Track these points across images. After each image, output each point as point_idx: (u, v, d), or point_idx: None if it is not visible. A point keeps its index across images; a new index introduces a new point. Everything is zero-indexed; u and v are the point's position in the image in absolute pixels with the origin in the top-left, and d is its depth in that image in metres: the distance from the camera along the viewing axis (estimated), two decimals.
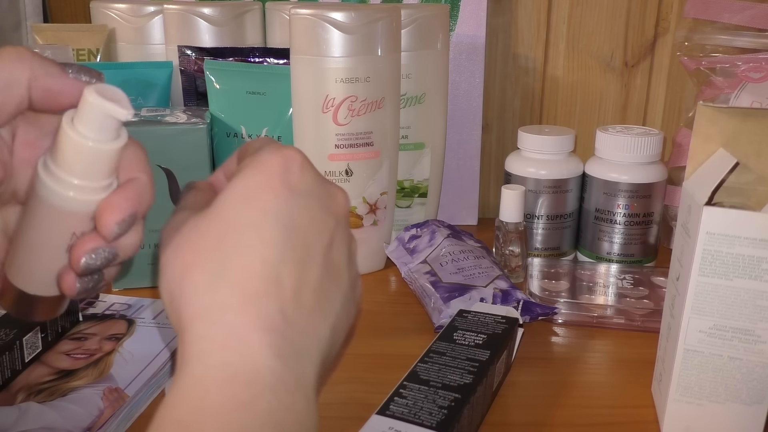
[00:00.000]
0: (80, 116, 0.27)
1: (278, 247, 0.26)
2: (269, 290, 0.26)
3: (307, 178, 0.28)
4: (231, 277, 0.26)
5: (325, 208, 0.29)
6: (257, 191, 0.27)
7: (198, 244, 0.27)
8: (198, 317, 0.25)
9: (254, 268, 0.26)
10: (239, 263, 0.26)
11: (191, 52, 0.69)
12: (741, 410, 0.41)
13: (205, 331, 0.25)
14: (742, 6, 0.68)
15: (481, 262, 0.60)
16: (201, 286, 0.26)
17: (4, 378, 0.46)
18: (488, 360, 0.43)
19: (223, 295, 0.25)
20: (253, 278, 0.26)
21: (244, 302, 0.25)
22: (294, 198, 0.27)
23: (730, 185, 0.39)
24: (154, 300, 0.58)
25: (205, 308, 0.25)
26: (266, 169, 0.28)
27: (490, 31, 0.78)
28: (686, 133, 0.71)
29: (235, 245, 0.26)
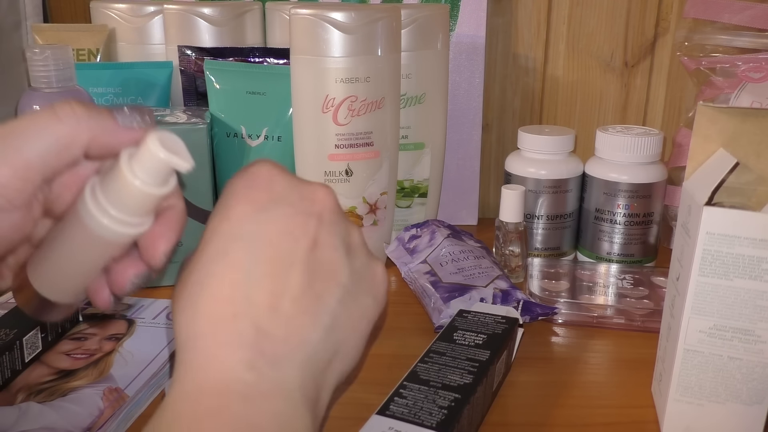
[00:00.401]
0: (139, 159, 0.28)
1: (244, 267, 0.27)
2: (239, 310, 0.27)
3: (275, 187, 0.29)
4: (202, 307, 0.27)
5: (300, 212, 0.29)
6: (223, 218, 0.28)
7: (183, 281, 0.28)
8: (179, 350, 0.27)
9: (223, 294, 0.27)
10: (209, 292, 0.27)
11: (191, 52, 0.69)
12: (741, 410, 0.41)
13: (182, 358, 0.26)
14: (742, 6, 0.68)
15: (481, 262, 0.60)
16: (183, 319, 0.27)
17: (4, 378, 0.46)
18: (488, 360, 0.43)
19: (198, 325, 0.26)
20: (221, 303, 0.27)
21: (214, 328, 0.26)
22: (260, 213, 0.28)
23: (730, 185, 0.39)
24: (154, 300, 0.58)
25: (184, 339, 0.27)
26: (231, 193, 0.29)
27: (490, 31, 0.78)
28: (686, 133, 0.71)
29: (206, 275, 0.27)
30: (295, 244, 0.28)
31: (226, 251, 0.27)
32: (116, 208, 0.29)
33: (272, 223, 0.28)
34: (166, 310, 0.57)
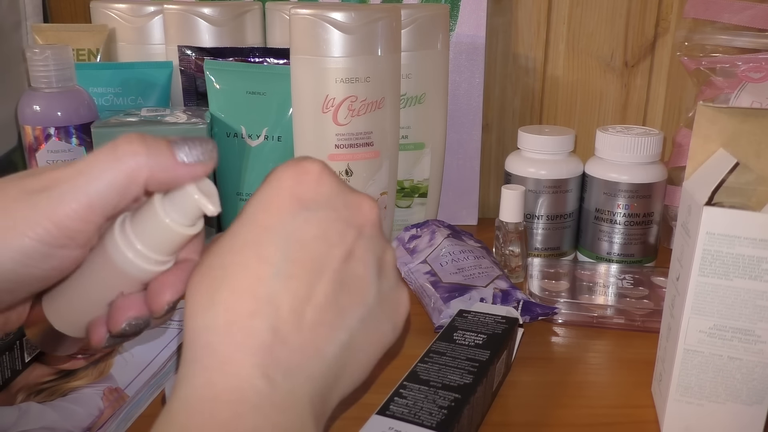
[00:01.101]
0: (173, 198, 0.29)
1: (275, 263, 0.26)
2: (259, 309, 0.26)
3: (323, 189, 0.28)
4: (222, 297, 0.26)
5: (342, 219, 0.28)
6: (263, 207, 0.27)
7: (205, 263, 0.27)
8: (189, 341, 0.26)
9: (245, 286, 0.26)
10: (232, 283, 0.26)
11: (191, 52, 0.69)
12: (741, 410, 0.41)
13: (193, 354, 0.25)
14: (742, 6, 0.68)
15: (481, 262, 0.60)
16: (197, 306, 0.26)
17: (4, 378, 0.46)
18: (488, 360, 0.43)
19: (211, 317, 0.26)
20: (242, 298, 0.26)
21: (229, 323, 0.25)
22: (302, 212, 0.27)
23: (730, 185, 0.39)
24: None
25: (196, 331, 0.26)
26: (276, 184, 0.28)
27: (490, 31, 0.78)
28: (686, 133, 0.71)
29: (232, 264, 0.26)
30: (330, 251, 0.27)
31: (259, 242, 0.26)
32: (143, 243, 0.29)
33: (311, 225, 0.27)
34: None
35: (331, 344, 0.27)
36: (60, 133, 0.58)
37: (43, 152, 0.58)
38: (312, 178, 0.28)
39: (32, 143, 0.59)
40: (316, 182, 0.28)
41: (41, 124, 0.58)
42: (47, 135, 0.58)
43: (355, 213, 0.29)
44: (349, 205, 0.29)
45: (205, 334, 0.25)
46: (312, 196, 0.27)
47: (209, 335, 0.25)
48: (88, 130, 0.59)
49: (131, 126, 0.58)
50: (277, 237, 0.27)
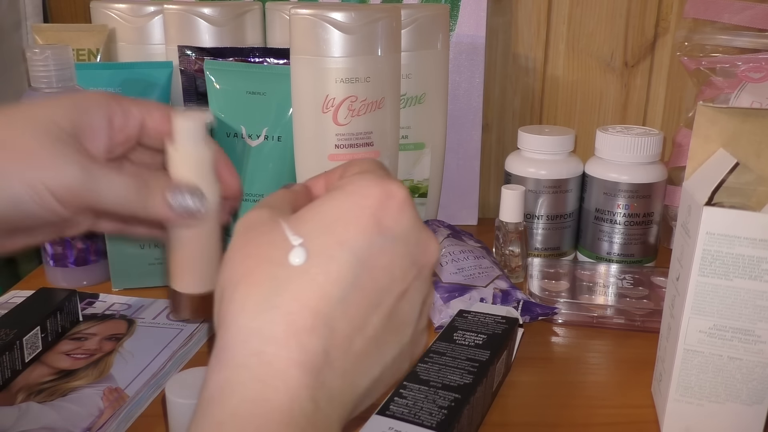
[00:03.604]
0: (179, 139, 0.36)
1: (342, 285, 0.25)
2: (317, 328, 0.25)
3: (403, 221, 0.27)
4: (282, 304, 0.25)
5: (410, 256, 0.27)
6: (342, 219, 0.26)
7: (265, 254, 0.26)
8: (237, 340, 0.24)
9: (309, 301, 0.25)
10: (295, 292, 0.25)
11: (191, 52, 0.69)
12: (741, 410, 0.41)
13: (242, 359, 0.24)
14: (742, 6, 0.68)
15: (481, 262, 0.60)
16: (250, 303, 0.25)
17: (4, 378, 0.46)
18: (488, 360, 0.43)
19: (269, 322, 0.24)
20: (304, 312, 0.25)
21: (288, 335, 0.24)
22: (379, 238, 0.26)
23: (730, 185, 0.39)
24: (154, 300, 0.58)
25: (248, 333, 0.24)
26: (360, 199, 0.27)
27: (490, 31, 0.78)
28: (686, 133, 0.71)
29: (299, 270, 0.25)
30: (391, 285, 0.27)
31: (331, 256, 0.25)
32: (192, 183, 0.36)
33: (384, 254, 0.26)
34: (166, 310, 0.57)
35: (366, 377, 0.27)
36: None
37: None
38: (396, 204, 0.27)
39: None
40: (398, 210, 0.27)
41: None
42: None
43: (422, 252, 0.28)
44: (420, 242, 0.28)
45: (258, 339, 0.24)
46: (392, 224, 0.27)
47: (263, 343, 0.24)
48: None
49: None
50: (350, 257, 0.26)
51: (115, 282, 0.61)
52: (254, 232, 0.27)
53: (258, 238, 0.27)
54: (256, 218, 0.28)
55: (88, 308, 0.57)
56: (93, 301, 0.58)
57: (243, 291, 0.25)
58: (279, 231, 0.26)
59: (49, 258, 0.62)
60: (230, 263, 0.27)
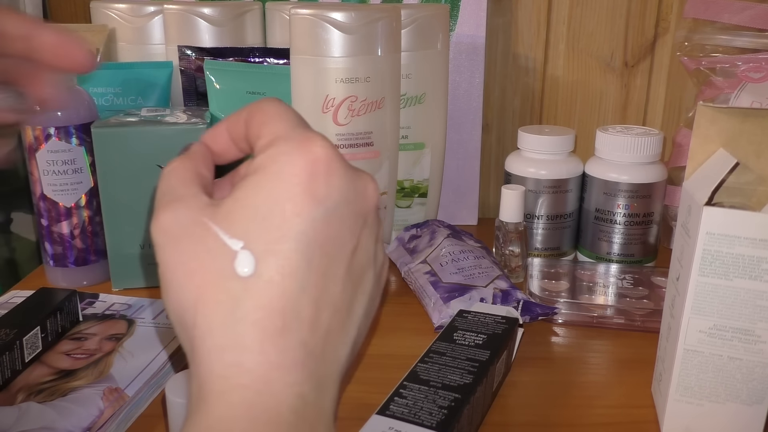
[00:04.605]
0: None
1: (299, 275, 0.24)
2: (287, 325, 0.24)
3: (335, 182, 0.25)
4: (248, 315, 0.24)
5: (352, 213, 0.26)
6: (277, 207, 0.25)
7: (209, 268, 0.24)
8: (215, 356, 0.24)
9: (272, 304, 0.24)
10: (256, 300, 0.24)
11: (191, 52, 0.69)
12: (741, 410, 0.41)
13: (224, 371, 0.24)
14: (742, 6, 0.68)
15: (481, 262, 0.60)
16: (215, 323, 0.24)
17: (4, 378, 0.46)
18: (488, 360, 0.43)
19: (239, 335, 0.24)
20: (272, 316, 0.24)
21: (263, 342, 0.24)
22: (318, 212, 0.25)
23: (730, 185, 0.39)
24: (154, 300, 0.58)
25: (222, 349, 0.24)
26: (289, 179, 0.25)
27: (490, 31, 0.78)
28: (686, 133, 0.71)
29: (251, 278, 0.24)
30: (342, 249, 0.26)
31: (280, 253, 0.24)
32: None
33: (329, 226, 0.25)
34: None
35: (345, 346, 0.26)
36: (60, 133, 0.58)
37: (43, 152, 0.59)
38: (324, 168, 0.25)
39: (32, 143, 0.59)
40: (327, 174, 0.25)
41: (41, 124, 0.58)
42: (47, 135, 0.58)
43: (361, 201, 0.27)
44: (358, 192, 0.27)
45: (233, 352, 0.24)
46: (326, 191, 0.25)
47: (239, 355, 0.24)
48: (88, 130, 0.59)
49: (131, 126, 0.58)
50: (298, 244, 0.24)
51: (115, 282, 0.61)
52: (184, 241, 0.25)
53: (193, 249, 0.25)
54: (175, 223, 0.26)
55: (88, 308, 0.57)
56: (93, 301, 0.58)
57: (202, 313, 0.24)
58: (213, 236, 0.25)
59: (49, 258, 0.62)
60: (175, 284, 0.25)
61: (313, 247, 0.25)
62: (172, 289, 0.25)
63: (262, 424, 0.23)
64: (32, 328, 0.48)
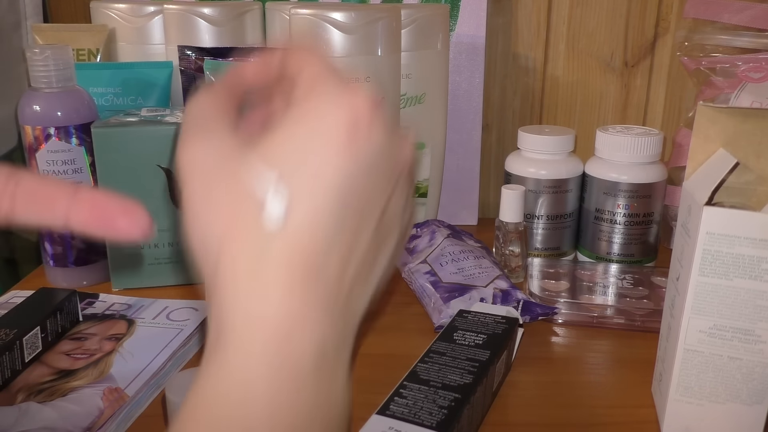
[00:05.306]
0: None
1: (329, 226, 0.24)
2: (314, 274, 0.24)
3: (375, 137, 0.25)
4: (274, 259, 0.23)
5: (387, 168, 0.26)
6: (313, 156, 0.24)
7: (239, 208, 0.24)
8: (238, 299, 0.23)
9: (301, 251, 0.23)
10: (284, 245, 0.23)
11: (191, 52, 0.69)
12: (741, 410, 0.41)
13: (247, 316, 0.23)
14: (742, 6, 0.68)
15: (481, 262, 0.60)
16: (241, 265, 0.23)
17: (4, 378, 0.46)
18: (488, 360, 0.43)
19: (265, 281, 0.23)
20: (298, 263, 0.23)
21: (287, 290, 0.23)
22: (355, 163, 0.24)
23: (730, 185, 0.39)
24: (155, 300, 0.58)
25: (246, 292, 0.23)
26: (328, 127, 0.24)
27: (490, 31, 0.78)
28: (686, 133, 0.71)
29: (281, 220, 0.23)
30: (374, 204, 0.25)
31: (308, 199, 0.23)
32: None
33: (365, 179, 0.25)
34: (166, 310, 0.57)
35: (364, 299, 0.26)
36: (60, 133, 0.58)
37: (43, 152, 0.59)
38: (366, 122, 0.24)
39: (32, 143, 0.59)
40: (369, 128, 0.24)
41: (41, 124, 0.58)
42: (47, 135, 0.58)
43: (398, 159, 0.26)
44: (394, 150, 0.26)
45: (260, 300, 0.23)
46: (365, 145, 0.24)
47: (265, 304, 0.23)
48: (88, 130, 0.59)
49: (131, 126, 0.58)
50: (332, 194, 0.24)
51: (115, 282, 0.61)
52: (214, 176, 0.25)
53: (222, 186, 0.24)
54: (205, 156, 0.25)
55: (88, 308, 0.57)
56: (93, 301, 0.58)
57: (228, 252, 0.24)
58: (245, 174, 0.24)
59: (49, 258, 0.62)
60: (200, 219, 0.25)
61: (345, 199, 0.24)
62: (197, 222, 0.25)
63: (283, 371, 0.23)
64: (32, 328, 0.48)
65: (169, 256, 0.61)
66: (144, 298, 0.59)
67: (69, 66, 0.59)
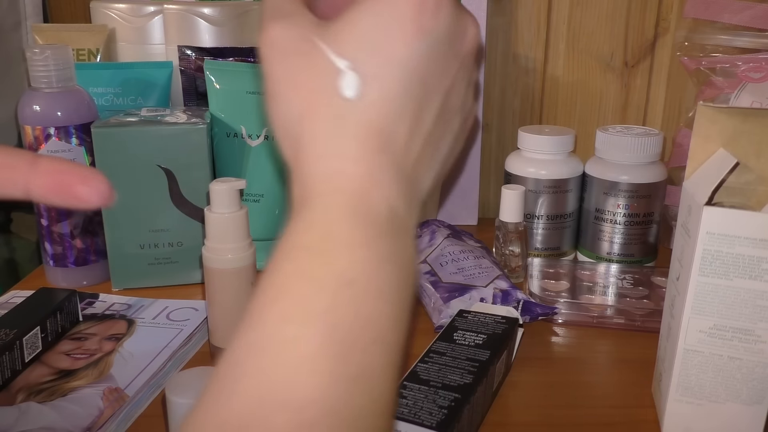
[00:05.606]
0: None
1: (398, 101, 0.26)
2: (385, 145, 0.26)
3: (442, 18, 0.26)
4: (349, 131, 0.25)
5: (452, 51, 0.27)
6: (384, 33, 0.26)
7: (316, 85, 0.26)
8: (319, 162, 0.25)
9: (372, 123, 0.26)
10: (358, 118, 0.26)
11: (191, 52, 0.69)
12: (741, 410, 0.41)
13: (327, 175, 0.25)
14: (742, 6, 0.68)
15: (481, 262, 0.60)
16: (319, 134, 0.26)
17: (4, 378, 0.46)
18: (488, 360, 0.43)
19: (342, 146, 0.25)
20: (371, 133, 0.25)
21: (362, 155, 0.25)
22: (423, 43, 0.26)
23: (730, 185, 0.39)
24: (155, 300, 0.58)
25: (326, 156, 0.25)
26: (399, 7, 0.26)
27: (490, 31, 0.78)
28: (686, 133, 0.71)
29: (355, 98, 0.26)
30: (439, 85, 0.27)
31: (380, 76, 0.26)
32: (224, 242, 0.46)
33: (429, 59, 0.26)
34: (166, 310, 0.57)
35: (428, 176, 0.28)
36: (60, 133, 0.58)
37: (43, 152, 0.59)
38: (433, 2, 0.26)
39: (32, 143, 0.59)
40: (436, 8, 0.26)
41: (41, 124, 0.58)
42: (47, 135, 0.58)
43: (462, 42, 0.28)
44: (459, 32, 0.28)
45: (337, 159, 0.25)
46: (432, 25, 0.26)
47: (342, 162, 0.25)
48: (88, 130, 0.59)
49: (131, 126, 0.58)
50: (400, 72, 0.26)
51: (115, 282, 0.61)
52: (292, 56, 0.26)
53: (301, 64, 0.26)
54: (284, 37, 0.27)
55: (88, 308, 0.57)
56: (93, 301, 0.58)
57: (309, 125, 0.26)
58: (321, 54, 0.26)
59: (49, 258, 0.62)
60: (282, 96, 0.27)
61: (414, 77, 0.26)
62: (279, 101, 0.27)
63: (362, 221, 0.24)
64: (32, 328, 0.48)
65: (169, 256, 0.61)
66: (144, 298, 0.59)
67: (69, 66, 0.59)
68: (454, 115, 0.29)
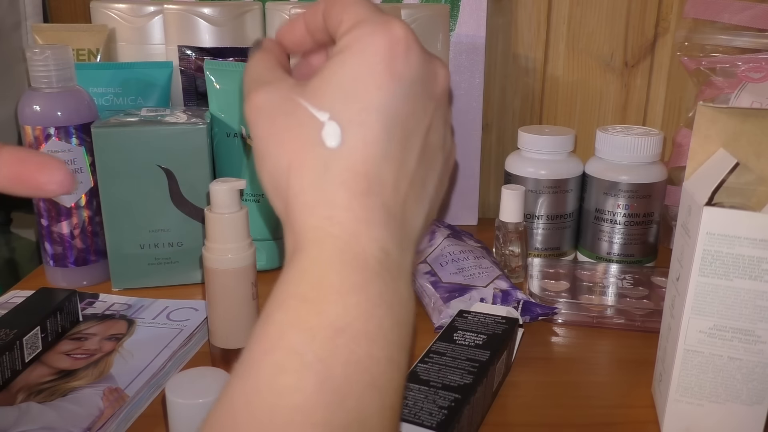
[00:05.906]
0: None
1: (380, 144, 0.27)
2: (372, 188, 0.26)
3: (413, 61, 0.27)
4: (336, 177, 0.26)
5: (427, 93, 0.28)
6: (360, 82, 0.27)
7: (300, 137, 0.27)
8: (308, 211, 0.26)
9: (357, 168, 0.26)
10: (343, 163, 0.26)
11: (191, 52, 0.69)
12: (741, 410, 0.41)
13: (317, 223, 0.26)
14: (742, 6, 0.68)
15: (481, 262, 0.60)
16: (307, 182, 0.26)
17: (4, 378, 0.46)
18: (488, 360, 0.43)
19: (330, 193, 0.26)
20: (357, 178, 0.26)
21: (350, 200, 0.26)
22: (398, 87, 0.27)
23: (730, 185, 0.39)
24: (154, 300, 0.58)
25: (314, 205, 0.26)
26: (371, 57, 0.27)
27: (490, 31, 0.78)
28: (686, 133, 0.71)
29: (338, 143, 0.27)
30: (418, 124, 0.28)
31: (360, 122, 0.27)
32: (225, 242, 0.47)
33: (407, 102, 0.27)
34: (166, 310, 0.57)
35: (419, 216, 0.29)
36: (60, 133, 0.58)
37: (43, 152, 0.58)
38: (403, 47, 0.27)
39: (32, 143, 0.59)
40: (406, 52, 0.27)
41: (41, 124, 0.58)
42: (47, 135, 0.58)
43: (434, 83, 0.29)
44: (431, 74, 0.29)
45: (325, 207, 0.26)
46: (404, 69, 0.27)
47: (330, 209, 0.26)
48: (88, 130, 0.59)
49: (131, 126, 0.58)
50: (378, 117, 0.27)
51: (115, 282, 0.61)
52: (276, 116, 0.28)
53: (285, 122, 0.28)
54: (267, 101, 0.28)
55: (88, 308, 0.57)
56: (93, 301, 0.58)
57: (296, 176, 0.27)
58: (302, 110, 0.27)
59: (49, 258, 0.62)
60: (269, 154, 0.28)
61: (393, 119, 0.27)
62: (267, 159, 0.28)
63: (352, 267, 0.25)
64: (32, 328, 0.48)
65: (169, 256, 0.61)
66: (144, 298, 0.59)
67: (69, 66, 0.59)
68: (436, 153, 0.30)
